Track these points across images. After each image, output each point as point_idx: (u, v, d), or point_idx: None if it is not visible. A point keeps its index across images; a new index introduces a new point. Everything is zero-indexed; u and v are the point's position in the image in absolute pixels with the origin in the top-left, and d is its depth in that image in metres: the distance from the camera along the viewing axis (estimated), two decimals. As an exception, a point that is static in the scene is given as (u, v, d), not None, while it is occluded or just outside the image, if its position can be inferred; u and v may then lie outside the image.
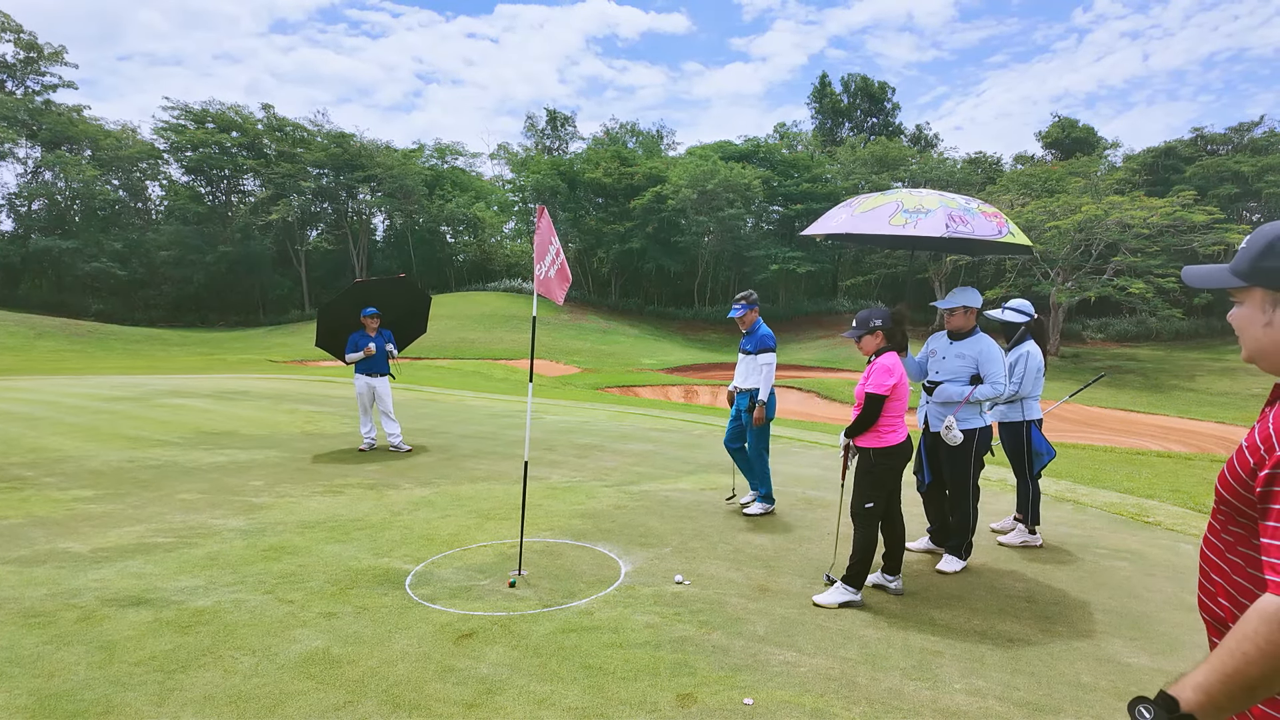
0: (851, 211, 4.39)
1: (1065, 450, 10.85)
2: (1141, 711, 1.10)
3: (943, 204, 4.12)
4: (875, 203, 4.33)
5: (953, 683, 3.07)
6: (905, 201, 4.20)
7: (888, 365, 3.92)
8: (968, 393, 4.40)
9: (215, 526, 5.31)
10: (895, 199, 4.26)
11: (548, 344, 34.94)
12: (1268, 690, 1.02)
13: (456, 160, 59.04)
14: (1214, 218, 33.62)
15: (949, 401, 4.46)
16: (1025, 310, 5.23)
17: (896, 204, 4.21)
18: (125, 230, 48.05)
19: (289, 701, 2.86)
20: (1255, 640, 1.01)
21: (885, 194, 4.40)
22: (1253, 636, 1.02)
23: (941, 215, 4.04)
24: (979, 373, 4.44)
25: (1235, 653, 1.03)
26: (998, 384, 4.41)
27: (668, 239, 45.70)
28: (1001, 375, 4.43)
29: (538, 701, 2.87)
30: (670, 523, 5.55)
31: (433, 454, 8.36)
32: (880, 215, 4.19)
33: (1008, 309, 5.23)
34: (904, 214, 4.10)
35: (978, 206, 4.25)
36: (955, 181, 45.06)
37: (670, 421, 11.73)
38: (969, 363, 4.46)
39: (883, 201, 4.29)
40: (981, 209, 4.24)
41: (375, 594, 4.01)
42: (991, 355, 4.43)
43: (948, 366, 4.53)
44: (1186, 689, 1.08)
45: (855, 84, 57.96)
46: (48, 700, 2.85)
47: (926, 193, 4.29)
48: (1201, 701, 1.05)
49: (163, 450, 8.37)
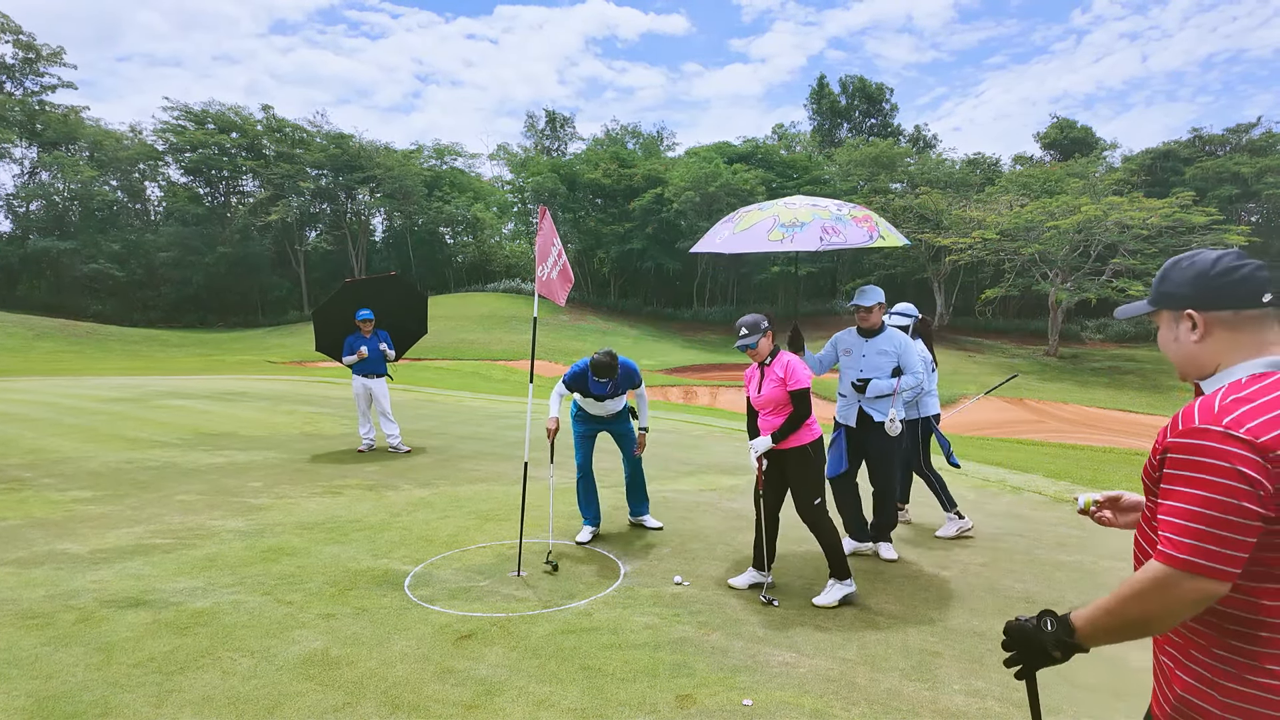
0: (732, 229, 4.53)
1: (1064, 450, 10.86)
2: (1049, 622, 1.42)
3: (816, 216, 4.29)
4: (753, 219, 4.48)
5: (952, 683, 3.07)
6: (781, 215, 4.36)
7: (795, 361, 4.03)
8: (896, 384, 4.67)
9: (214, 528, 5.31)
10: (772, 214, 4.42)
11: (547, 345, 34.94)
12: (1137, 631, 1.30)
13: (456, 161, 59.04)
14: (1213, 219, 33.67)
15: (881, 395, 4.68)
16: (910, 313, 5.69)
17: (773, 219, 4.36)
18: (124, 231, 48.01)
19: (288, 703, 2.86)
20: (1135, 590, 1.28)
21: (763, 208, 4.56)
22: (1135, 586, 1.28)
23: (815, 228, 4.21)
24: (899, 366, 4.71)
25: (1120, 598, 1.30)
26: (918, 374, 4.72)
27: (667, 239, 45.73)
28: (919, 367, 4.74)
29: (537, 702, 2.87)
30: (670, 524, 5.55)
31: (431, 455, 8.35)
32: (758, 232, 4.34)
33: (895, 313, 5.64)
34: (780, 229, 4.26)
35: (849, 213, 4.43)
36: (954, 182, 45.14)
37: (669, 422, 11.73)
38: (891, 358, 4.70)
39: (761, 217, 4.44)
40: (853, 215, 4.42)
41: (374, 595, 4.00)
42: (909, 348, 4.74)
43: (871, 363, 4.72)
44: (1082, 617, 1.37)
45: (853, 85, 58.03)
46: (46, 702, 2.84)
47: (801, 204, 4.46)
48: (1087, 630, 1.36)
49: (161, 451, 8.36)
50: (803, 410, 3.96)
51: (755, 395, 4.10)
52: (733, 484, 7.01)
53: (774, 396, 4.00)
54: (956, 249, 37.45)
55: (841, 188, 45.12)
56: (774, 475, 4.15)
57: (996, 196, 40.16)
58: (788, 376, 3.96)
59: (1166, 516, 1.27)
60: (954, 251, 37.97)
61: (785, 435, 3.96)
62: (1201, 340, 1.39)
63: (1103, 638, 1.36)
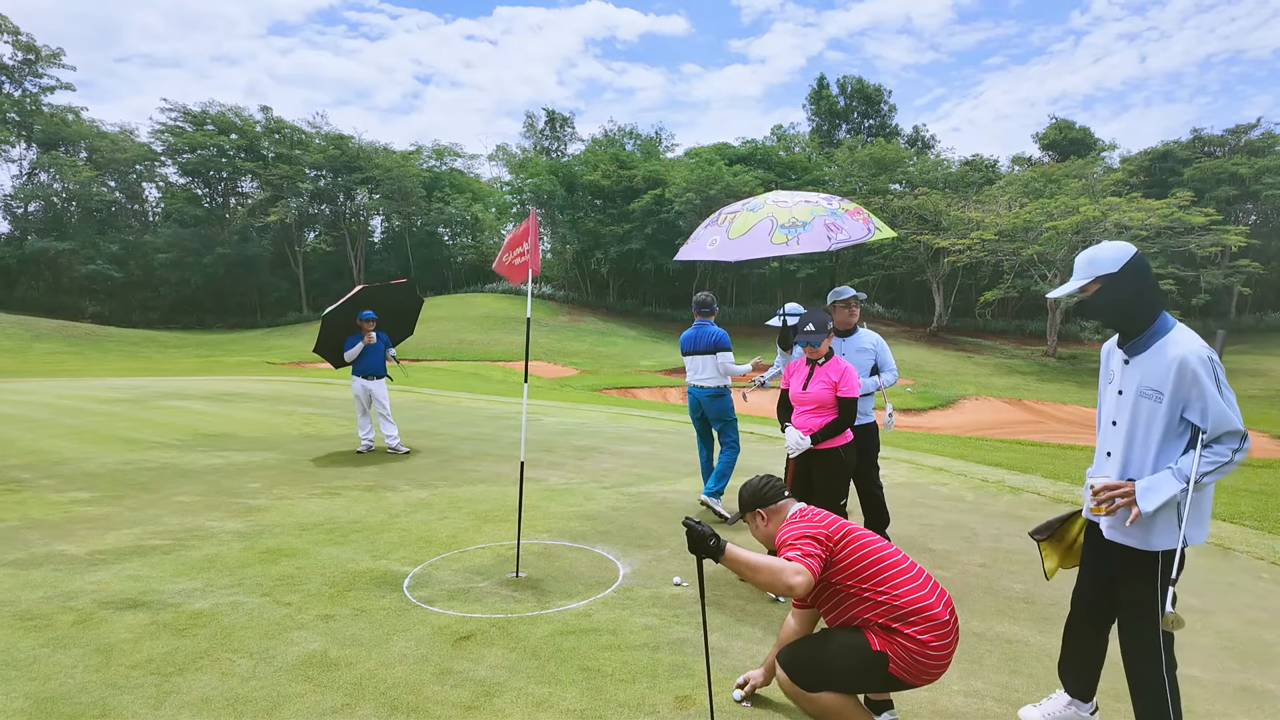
0: (725, 233, 4.36)
1: (1063, 451, 10.86)
2: (715, 540, 2.24)
3: (814, 214, 4.16)
4: (748, 221, 4.30)
5: (950, 684, 3.07)
6: (778, 216, 4.20)
7: (851, 369, 4.04)
8: (880, 382, 4.72)
9: (212, 529, 5.30)
10: (767, 214, 4.26)
11: (546, 345, 34.93)
12: (752, 579, 2.24)
13: (455, 162, 59.06)
14: (1211, 219, 33.70)
15: (865, 394, 4.69)
16: (798, 312, 5.61)
17: (770, 220, 4.20)
18: (122, 232, 48.00)
19: (287, 704, 2.85)
20: (766, 564, 2.23)
21: (754, 209, 4.38)
22: (768, 563, 2.23)
23: (819, 227, 4.09)
24: (876, 363, 4.75)
25: (753, 566, 2.23)
26: (895, 370, 4.78)
27: (666, 240, 45.73)
28: (894, 362, 4.80)
29: (536, 703, 2.87)
30: (669, 524, 5.55)
31: (430, 456, 8.35)
32: (759, 236, 4.17)
33: (788, 315, 5.53)
34: (782, 230, 4.12)
35: (840, 206, 4.31)
36: (952, 183, 45.16)
37: (668, 423, 11.73)
38: (870, 355, 4.74)
39: (756, 219, 4.26)
40: (844, 208, 4.31)
41: (373, 596, 4.00)
42: (884, 345, 4.78)
43: (855, 362, 4.68)
44: (730, 554, 2.23)
45: (852, 86, 58.07)
46: (44, 703, 2.84)
47: (793, 201, 4.30)
48: (728, 562, 2.24)
49: (160, 452, 8.35)
50: (848, 417, 4.00)
51: (799, 390, 4.09)
52: (733, 484, 7.01)
53: (819, 397, 4.00)
54: (955, 250, 37.49)
55: (841, 189, 45.13)
56: (800, 474, 4.16)
57: (995, 197, 40.19)
58: (841, 381, 3.98)
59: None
60: (953, 253, 38.01)
61: (824, 439, 3.99)
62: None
63: (735, 569, 2.24)
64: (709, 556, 2.25)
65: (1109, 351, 2.56)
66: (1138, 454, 2.36)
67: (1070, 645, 2.75)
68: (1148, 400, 2.32)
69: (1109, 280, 2.37)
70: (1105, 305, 2.39)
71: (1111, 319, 2.42)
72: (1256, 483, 7.72)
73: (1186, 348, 2.25)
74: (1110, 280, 2.36)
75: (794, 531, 2.44)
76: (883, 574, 2.40)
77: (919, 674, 2.36)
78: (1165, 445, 2.30)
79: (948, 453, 9.36)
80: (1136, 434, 2.36)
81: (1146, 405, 2.33)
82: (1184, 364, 2.23)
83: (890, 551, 2.49)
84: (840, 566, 2.41)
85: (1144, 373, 2.35)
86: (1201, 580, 4.45)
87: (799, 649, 2.47)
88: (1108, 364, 2.56)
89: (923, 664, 2.34)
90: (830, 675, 2.40)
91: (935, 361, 35.10)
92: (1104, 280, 2.38)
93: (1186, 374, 2.23)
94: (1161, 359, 2.30)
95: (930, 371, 32.38)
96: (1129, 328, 2.40)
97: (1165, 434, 2.30)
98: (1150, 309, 2.35)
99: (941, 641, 2.35)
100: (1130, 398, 2.38)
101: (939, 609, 2.38)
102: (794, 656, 2.45)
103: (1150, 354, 2.35)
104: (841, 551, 2.42)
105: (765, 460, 8.24)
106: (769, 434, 10.37)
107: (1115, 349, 2.51)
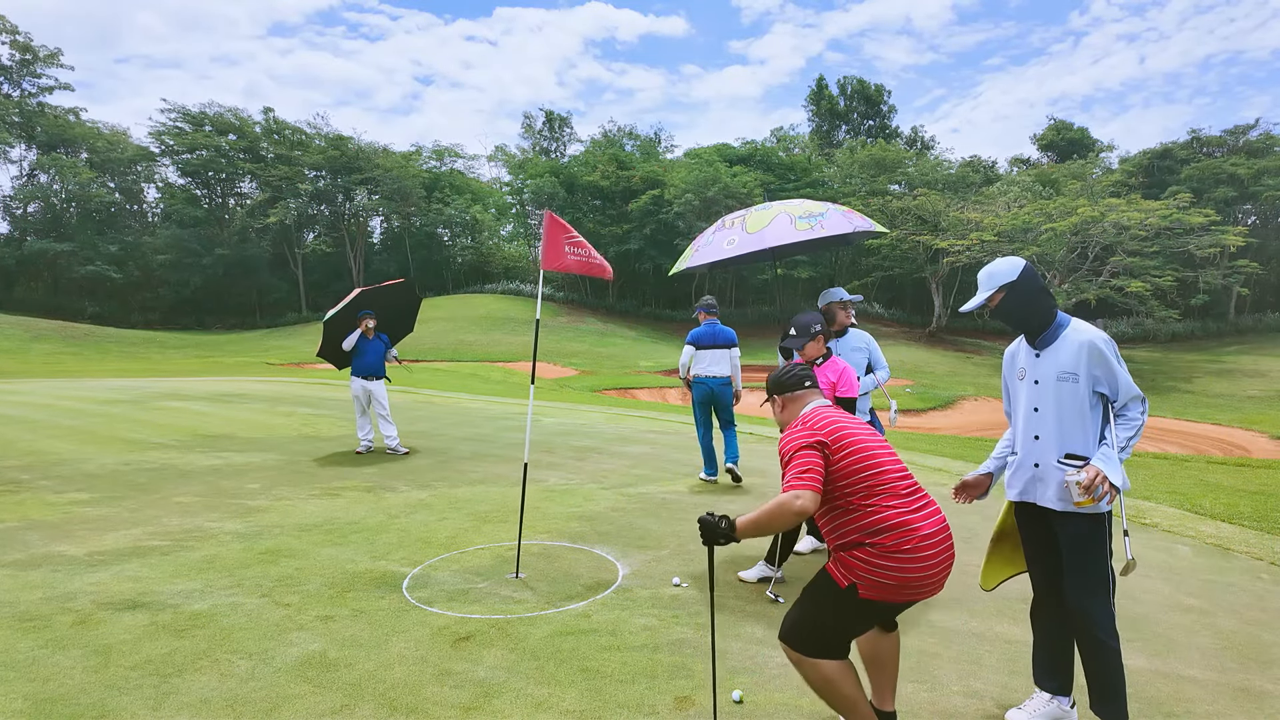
0: (744, 230, 4.42)
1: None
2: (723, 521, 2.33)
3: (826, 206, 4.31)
4: (765, 218, 4.40)
5: (950, 685, 3.07)
6: (792, 210, 4.33)
7: (849, 369, 4.07)
8: (876, 381, 4.77)
9: (212, 529, 5.30)
10: (780, 210, 4.37)
11: (545, 346, 34.92)
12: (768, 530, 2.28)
13: (455, 163, 59.03)
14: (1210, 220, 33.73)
15: (865, 393, 4.75)
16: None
17: (786, 215, 4.31)
18: (121, 233, 47.96)
19: (286, 705, 2.85)
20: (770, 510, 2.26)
21: (766, 208, 4.52)
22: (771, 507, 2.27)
23: (836, 214, 4.24)
24: (870, 362, 4.80)
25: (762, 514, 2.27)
26: (886, 367, 4.83)
27: (666, 240, 45.76)
28: (884, 359, 4.87)
29: (535, 704, 2.87)
30: (668, 525, 5.55)
31: (430, 456, 8.34)
32: (781, 225, 4.29)
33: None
34: (802, 220, 4.25)
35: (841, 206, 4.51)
36: (951, 183, 45.18)
37: (668, 424, 11.74)
38: (863, 354, 4.79)
39: (772, 215, 4.38)
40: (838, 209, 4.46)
41: (372, 597, 4.00)
42: (874, 342, 4.84)
43: (850, 361, 4.73)
44: (739, 520, 2.31)
45: (851, 87, 58.13)
46: (43, 704, 2.83)
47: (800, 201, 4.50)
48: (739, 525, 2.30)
49: (159, 453, 8.35)
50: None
51: None
52: (733, 485, 7.01)
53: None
54: (954, 251, 37.51)
55: (841, 190, 45.15)
56: None
57: (994, 198, 40.22)
58: (839, 382, 4.00)
59: None
60: (952, 253, 38.03)
61: None
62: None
63: (750, 534, 2.30)
64: (725, 539, 2.30)
65: (1014, 352, 2.87)
66: (1068, 430, 2.63)
67: (1039, 630, 2.83)
68: (1066, 383, 2.62)
69: (1010, 288, 2.69)
70: (1012, 310, 2.71)
71: (1019, 321, 2.74)
72: (1256, 483, 7.72)
73: (1091, 334, 2.61)
74: (1011, 288, 2.69)
75: (793, 443, 2.42)
76: (873, 485, 2.36)
77: (898, 588, 2.27)
78: (1090, 418, 2.62)
79: (947, 453, 9.36)
80: (1064, 414, 2.63)
81: (1066, 387, 2.63)
82: (1092, 346, 2.58)
83: (884, 461, 2.41)
84: (834, 473, 2.38)
85: (1057, 360, 2.65)
86: (1201, 580, 4.45)
87: (788, 615, 2.46)
88: (1014, 363, 2.86)
89: (899, 576, 2.27)
90: (817, 627, 2.37)
91: (934, 362, 35.12)
92: (1006, 289, 2.70)
93: (1095, 354, 2.57)
94: (1070, 346, 2.62)
95: (929, 372, 32.39)
96: (1035, 326, 2.70)
97: (1087, 409, 2.61)
98: (1049, 309, 2.68)
99: (920, 551, 2.28)
100: (1049, 384, 2.66)
101: (920, 523, 2.31)
102: (786, 624, 2.45)
103: (1058, 344, 2.66)
104: (837, 456, 2.38)
105: (766, 460, 8.24)
106: (769, 434, 10.37)
107: (1022, 348, 2.81)
